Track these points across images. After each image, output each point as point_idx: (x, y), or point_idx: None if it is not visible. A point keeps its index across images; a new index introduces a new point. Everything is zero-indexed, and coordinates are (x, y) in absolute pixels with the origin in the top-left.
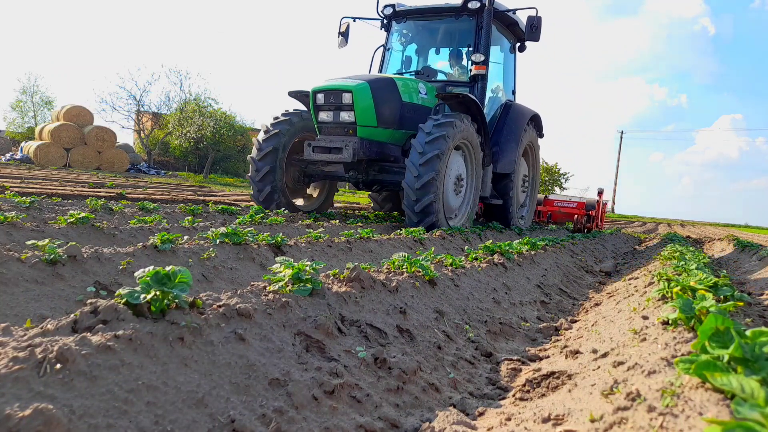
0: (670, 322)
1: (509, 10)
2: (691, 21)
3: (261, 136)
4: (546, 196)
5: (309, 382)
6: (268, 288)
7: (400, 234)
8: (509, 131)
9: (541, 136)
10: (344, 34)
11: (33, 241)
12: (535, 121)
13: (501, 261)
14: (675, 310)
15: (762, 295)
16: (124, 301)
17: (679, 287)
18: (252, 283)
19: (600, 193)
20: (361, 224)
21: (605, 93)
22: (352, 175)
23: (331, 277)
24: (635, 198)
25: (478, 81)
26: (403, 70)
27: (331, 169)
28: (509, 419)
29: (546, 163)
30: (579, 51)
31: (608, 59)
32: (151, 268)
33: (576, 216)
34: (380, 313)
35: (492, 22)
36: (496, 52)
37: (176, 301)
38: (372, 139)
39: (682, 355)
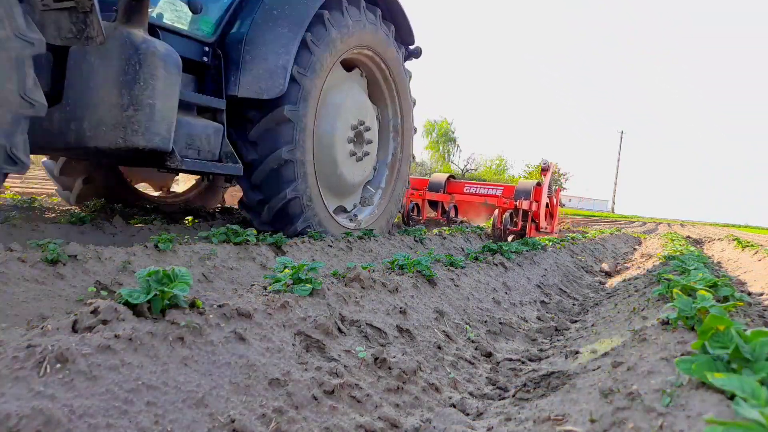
0: (669, 322)
1: None
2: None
3: None
4: (451, 176)
5: (309, 382)
6: (268, 288)
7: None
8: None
9: (414, 53)
10: None
11: (33, 241)
12: (392, 10)
13: (501, 261)
14: (675, 310)
15: (762, 295)
16: (124, 301)
17: (679, 287)
18: (252, 283)
19: (544, 170)
20: None
21: (606, 92)
22: None
23: (331, 277)
24: (635, 198)
25: None
26: None
27: None
28: (509, 419)
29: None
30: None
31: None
32: (152, 267)
33: (497, 210)
34: (380, 313)
35: None
36: None
37: (176, 301)
38: None
39: (682, 355)
